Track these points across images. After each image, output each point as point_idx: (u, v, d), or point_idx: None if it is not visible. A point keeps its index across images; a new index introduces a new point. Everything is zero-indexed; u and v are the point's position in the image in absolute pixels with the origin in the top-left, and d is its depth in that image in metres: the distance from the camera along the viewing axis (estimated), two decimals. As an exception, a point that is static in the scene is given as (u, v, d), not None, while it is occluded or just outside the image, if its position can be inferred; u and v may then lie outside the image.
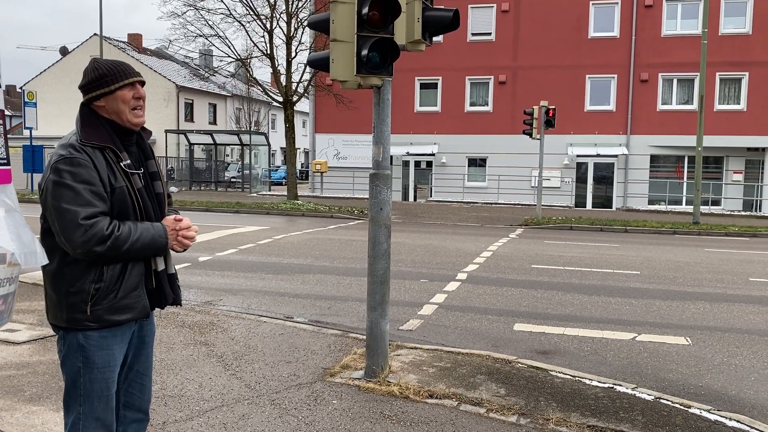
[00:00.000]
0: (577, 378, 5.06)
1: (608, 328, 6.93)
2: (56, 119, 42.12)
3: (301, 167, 48.60)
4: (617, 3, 28.52)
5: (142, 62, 42.33)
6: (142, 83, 2.62)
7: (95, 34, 40.72)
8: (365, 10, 4.48)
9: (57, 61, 44.66)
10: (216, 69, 27.92)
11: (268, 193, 33.13)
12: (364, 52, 4.51)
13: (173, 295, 2.70)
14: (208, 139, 36.77)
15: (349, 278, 9.50)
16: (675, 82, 28.38)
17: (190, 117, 45.19)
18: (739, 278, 10.21)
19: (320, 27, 5.09)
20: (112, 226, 2.42)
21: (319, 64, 5.12)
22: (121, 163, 2.52)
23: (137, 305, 2.57)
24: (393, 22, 4.61)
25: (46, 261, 2.16)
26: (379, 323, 4.95)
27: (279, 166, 48.82)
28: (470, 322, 7.11)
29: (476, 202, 29.51)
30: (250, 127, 47.55)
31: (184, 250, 2.68)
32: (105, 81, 2.53)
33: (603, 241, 15.34)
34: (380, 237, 4.96)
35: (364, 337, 5.94)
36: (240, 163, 38.82)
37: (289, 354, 5.55)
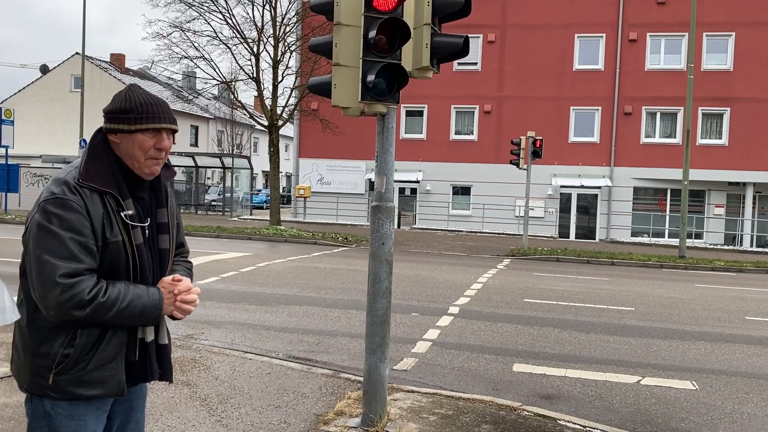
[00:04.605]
0: (587, 429, 4.74)
1: (611, 370, 6.64)
2: (34, 137, 41.42)
3: (283, 191, 48.14)
4: (602, 36, 28.82)
5: (124, 83, 41.86)
6: (173, 132, 2.20)
7: (77, 53, 40.23)
8: (372, 34, 4.21)
9: (37, 79, 44.00)
10: (199, 91, 27.59)
11: (249, 217, 32.62)
12: (370, 77, 4.24)
13: (160, 371, 2.27)
14: (189, 162, 36.25)
15: (337, 311, 9.12)
16: (658, 115, 28.64)
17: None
18: (735, 316, 10.01)
19: (321, 50, 4.81)
20: (96, 289, 2.02)
21: (320, 89, 4.83)
22: (122, 213, 2.12)
23: (111, 380, 2.13)
24: (401, 47, 4.35)
25: (16, 316, 1.80)
26: (379, 368, 4.59)
27: (260, 190, 48.28)
28: (467, 362, 6.78)
29: (461, 231, 29.30)
30: (233, 150, 47.10)
31: (185, 316, 2.24)
32: (127, 118, 2.11)
33: (591, 274, 15.14)
34: (381, 274, 4.64)
35: (357, 377, 5.60)
36: (221, 186, 38.30)
37: (278, 397, 5.16)
